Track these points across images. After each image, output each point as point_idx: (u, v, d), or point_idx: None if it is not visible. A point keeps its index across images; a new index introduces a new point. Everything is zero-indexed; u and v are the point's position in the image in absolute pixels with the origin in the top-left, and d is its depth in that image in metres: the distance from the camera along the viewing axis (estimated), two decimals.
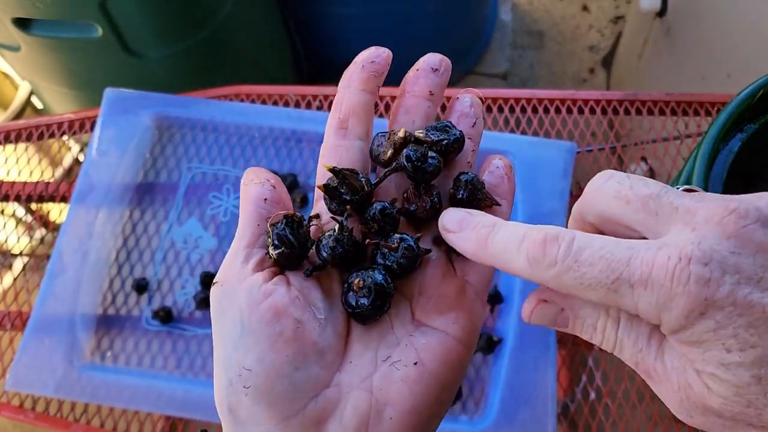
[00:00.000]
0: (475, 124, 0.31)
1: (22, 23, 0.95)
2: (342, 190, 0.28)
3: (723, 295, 0.21)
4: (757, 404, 0.21)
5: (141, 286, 0.70)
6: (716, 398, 0.22)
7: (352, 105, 0.30)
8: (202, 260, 0.72)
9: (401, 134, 0.29)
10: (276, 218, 0.28)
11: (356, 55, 0.32)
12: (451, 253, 0.30)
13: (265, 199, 0.29)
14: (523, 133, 0.77)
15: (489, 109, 0.78)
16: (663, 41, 1.20)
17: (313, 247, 0.29)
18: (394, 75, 0.32)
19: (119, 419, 0.65)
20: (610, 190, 0.24)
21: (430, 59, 0.31)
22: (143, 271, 0.72)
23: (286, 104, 0.79)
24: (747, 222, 0.21)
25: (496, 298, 0.67)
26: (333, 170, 0.28)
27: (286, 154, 0.76)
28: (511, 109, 0.77)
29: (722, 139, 0.46)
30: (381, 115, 0.78)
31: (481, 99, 0.32)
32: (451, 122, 0.30)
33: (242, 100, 0.79)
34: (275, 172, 0.74)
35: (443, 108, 0.68)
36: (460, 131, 0.30)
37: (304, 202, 0.73)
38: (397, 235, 0.28)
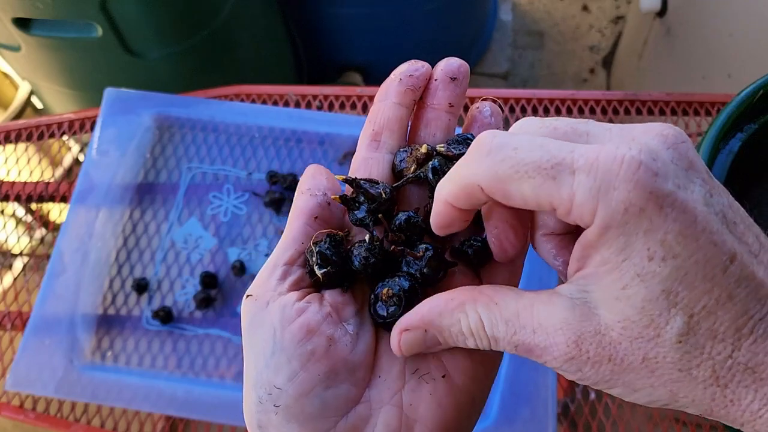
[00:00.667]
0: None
1: (22, 23, 0.95)
2: (360, 201, 0.28)
3: (666, 192, 0.20)
4: (658, 322, 0.21)
5: (141, 286, 0.70)
6: (616, 325, 0.21)
7: (387, 118, 0.30)
8: (203, 260, 0.72)
9: (424, 150, 0.29)
10: (318, 237, 0.28)
11: (356, 55, 0.32)
12: (475, 264, 0.30)
13: (316, 217, 0.28)
14: None
15: None
16: (663, 41, 1.20)
17: None
18: None
19: (119, 419, 0.65)
20: (533, 122, 0.24)
21: (449, 67, 0.30)
22: (143, 271, 0.72)
23: (287, 104, 0.79)
24: (683, 139, 0.22)
25: None
26: (347, 180, 0.28)
27: (286, 154, 0.76)
28: (512, 109, 0.77)
29: (722, 139, 0.46)
30: None
31: (500, 106, 0.32)
32: (472, 135, 0.30)
33: (242, 100, 0.79)
34: (275, 174, 0.74)
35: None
36: None
37: None
38: (422, 245, 0.28)
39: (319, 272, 0.27)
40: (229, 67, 1.17)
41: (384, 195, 0.28)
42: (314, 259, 0.27)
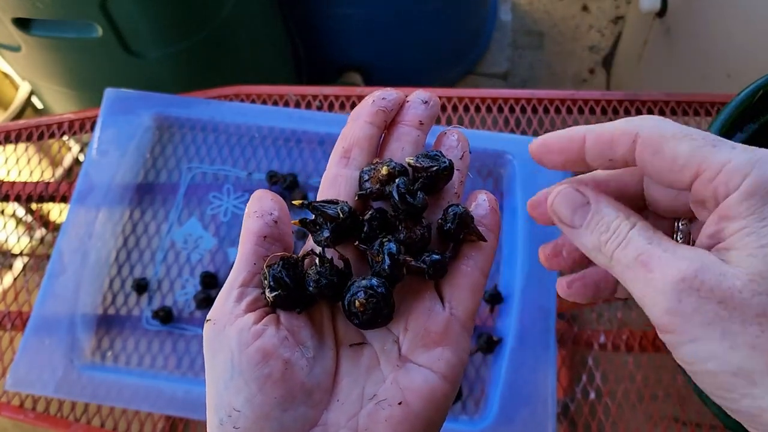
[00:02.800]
0: (462, 156, 0.32)
1: (22, 23, 0.95)
2: (320, 222, 0.29)
3: None
4: None
5: (141, 286, 0.70)
6: (744, 277, 0.21)
7: (357, 137, 0.31)
8: (203, 260, 0.72)
9: (384, 171, 0.29)
10: (272, 260, 0.28)
11: (356, 55, 0.32)
12: (432, 276, 0.30)
13: (265, 237, 0.29)
14: (523, 133, 0.77)
15: (489, 110, 0.78)
16: (663, 41, 1.20)
17: None
18: (396, 75, 0.33)
19: (119, 419, 0.65)
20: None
21: (420, 94, 0.32)
22: (143, 271, 0.72)
23: (286, 104, 0.79)
24: None
25: (496, 298, 0.67)
26: (303, 205, 0.29)
27: (286, 154, 0.76)
28: (511, 109, 0.77)
29: None
30: None
31: (465, 138, 0.33)
32: (440, 152, 0.31)
33: (242, 100, 0.79)
34: (275, 174, 0.74)
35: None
36: (450, 160, 0.30)
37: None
38: (379, 241, 0.29)
39: (270, 295, 0.28)
40: (228, 67, 1.17)
41: (341, 214, 0.28)
42: (267, 282, 0.28)
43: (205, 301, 0.69)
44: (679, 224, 0.29)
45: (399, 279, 0.28)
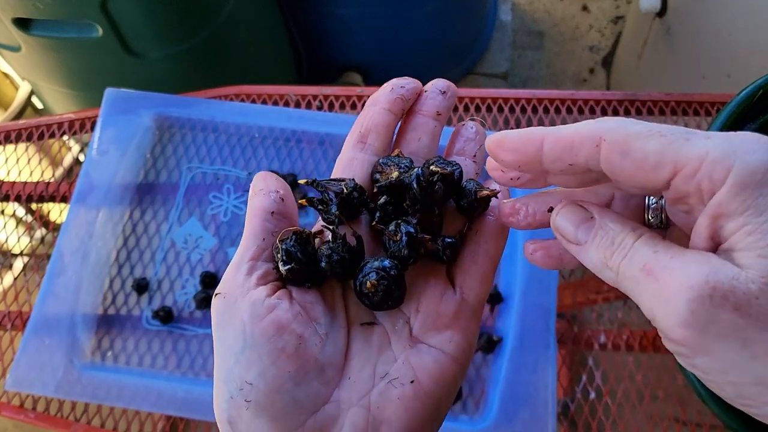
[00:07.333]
0: (478, 150, 0.32)
1: (22, 23, 0.96)
2: (328, 200, 0.29)
3: None
4: None
5: (141, 286, 0.70)
6: (759, 280, 0.20)
7: (375, 122, 0.31)
8: (203, 260, 0.72)
9: (395, 175, 0.29)
10: (285, 234, 0.28)
11: (356, 55, 0.32)
12: (446, 261, 0.30)
13: (272, 213, 0.29)
14: None
15: (489, 109, 0.78)
16: (663, 41, 1.20)
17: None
18: (396, 75, 0.33)
19: (120, 419, 0.65)
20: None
21: (438, 83, 0.32)
22: (143, 271, 0.72)
23: (287, 104, 0.79)
24: None
25: (496, 298, 0.67)
26: (308, 182, 0.29)
27: (286, 154, 0.76)
28: (511, 109, 0.77)
29: None
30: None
31: (483, 124, 0.33)
32: (454, 161, 0.31)
33: (242, 100, 0.79)
34: (276, 173, 0.74)
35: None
36: (460, 168, 0.30)
37: None
38: (395, 222, 0.29)
39: (283, 269, 0.28)
40: (229, 67, 1.17)
41: (346, 190, 0.29)
42: (279, 255, 0.28)
43: (206, 301, 0.69)
44: (649, 201, 0.27)
45: (415, 259, 0.29)
